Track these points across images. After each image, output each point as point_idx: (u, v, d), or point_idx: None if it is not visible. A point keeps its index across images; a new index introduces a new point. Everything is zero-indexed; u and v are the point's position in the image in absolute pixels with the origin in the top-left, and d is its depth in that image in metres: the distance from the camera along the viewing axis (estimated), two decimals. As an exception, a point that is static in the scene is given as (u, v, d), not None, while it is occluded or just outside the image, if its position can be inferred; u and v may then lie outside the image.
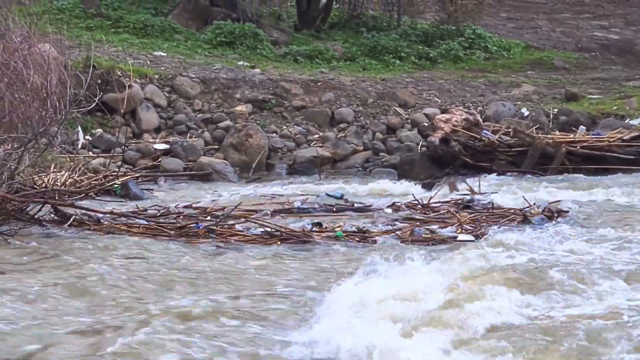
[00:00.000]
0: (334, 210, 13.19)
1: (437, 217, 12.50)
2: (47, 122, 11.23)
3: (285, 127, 20.63)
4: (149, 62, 22.21)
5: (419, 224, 11.90)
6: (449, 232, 11.37)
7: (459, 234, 11.29)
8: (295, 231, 11.27)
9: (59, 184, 12.34)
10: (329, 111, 21.21)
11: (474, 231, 11.38)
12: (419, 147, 19.21)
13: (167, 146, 19.09)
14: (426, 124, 19.93)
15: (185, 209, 12.80)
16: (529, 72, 25.84)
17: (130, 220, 11.65)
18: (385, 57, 25.84)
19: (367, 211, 13.11)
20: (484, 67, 26.09)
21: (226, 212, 12.21)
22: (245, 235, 11.12)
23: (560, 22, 31.94)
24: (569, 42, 29.15)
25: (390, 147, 20.27)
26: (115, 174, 14.35)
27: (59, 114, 11.34)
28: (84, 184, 13.09)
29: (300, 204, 13.56)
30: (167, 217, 12.03)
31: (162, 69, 21.69)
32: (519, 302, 7.13)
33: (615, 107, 21.66)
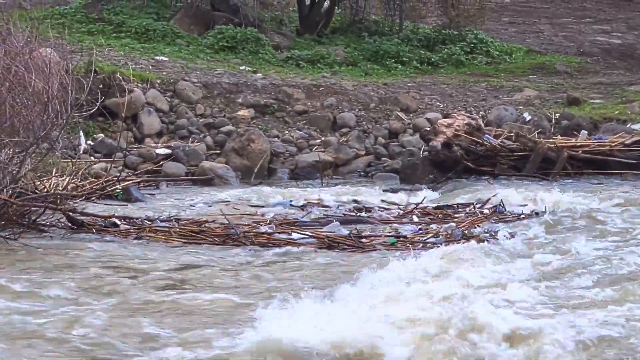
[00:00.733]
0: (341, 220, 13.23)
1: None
2: (48, 127, 11.23)
3: (287, 132, 20.63)
4: (150, 66, 22.22)
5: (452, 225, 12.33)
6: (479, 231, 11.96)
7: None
8: (348, 238, 11.46)
9: (61, 188, 12.33)
10: (331, 116, 21.20)
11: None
12: (421, 152, 19.19)
13: (169, 151, 19.07)
14: (428, 129, 19.89)
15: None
16: (530, 76, 25.83)
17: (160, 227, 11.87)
18: (387, 62, 25.84)
19: (369, 222, 13.17)
20: (486, 71, 26.08)
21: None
22: (288, 240, 11.34)
23: (562, 26, 31.93)
24: (570, 47, 29.14)
25: (392, 151, 20.27)
26: (116, 178, 14.35)
27: (60, 119, 11.35)
28: (85, 188, 13.08)
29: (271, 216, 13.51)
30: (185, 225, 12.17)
31: (164, 73, 21.69)
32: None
33: (617, 112, 21.65)
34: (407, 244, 11.21)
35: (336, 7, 28.96)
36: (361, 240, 11.39)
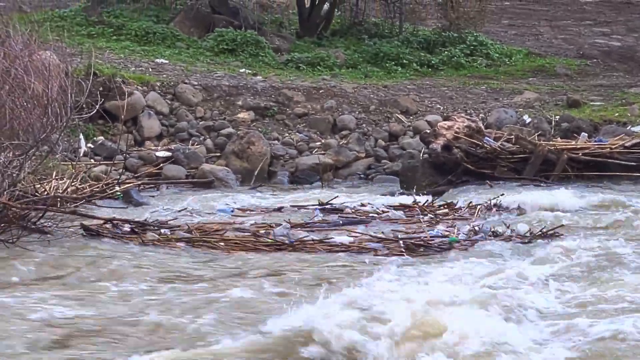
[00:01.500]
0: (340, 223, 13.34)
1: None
2: (48, 129, 11.23)
3: (287, 134, 20.62)
4: (150, 69, 22.22)
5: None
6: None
7: None
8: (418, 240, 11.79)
9: (61, 191, 12.33)
10: (331, 118, 21.20)
11: None
12: (421, 154, 19.19)
13: (169, 153, 19.07)
14: (428, 131, 19.87)
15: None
16: (530, 79, 25.83)
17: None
18: (387, 64, 25.83)
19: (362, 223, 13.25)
20: (485, 74, 26.08)
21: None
22: (331, 245, 11.57)
23: (562, 29, 31.93)
24: (570, 49, 29.14)
25: (392, 154, 20.26)
26: (116, 181, 14.33)
27: (60, 121, 11.34)
28: (85, 191, 13.08)
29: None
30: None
31: (164, 76, 21.69)
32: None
33: (617, 114, 21.64)
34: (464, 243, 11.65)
35: (336, 10, 28.96)
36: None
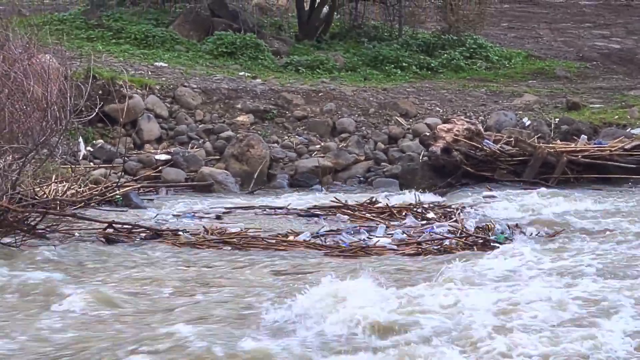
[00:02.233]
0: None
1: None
2: (47, 133, 11.23)
3: (286, 138, 20.62)
4: (150, 72, 22.21)
5: None
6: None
7: None
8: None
9: (60, 194, 12.33)
10: (331, 121, 21.19)
11: None
12: (421, 157, 19.19)
13: (168, 156, 19.05)
14: (428, 134, 19.89)
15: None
16: (530, 81, 25.83)
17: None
18: (386, 67, 25.83)
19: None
20: (485, 76, 26.08)
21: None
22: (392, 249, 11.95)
23: (561, 31, 31.94)
24: (570, 52, 29.15)
25: (391, 157, 20.24)
26: (116, 184, 14.33)
27: (59, 125, 11.34)
28: (85, 194, 13.08)
29: None
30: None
31: (164, 79, 21.69)
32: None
33: (616, 117, 21.64)
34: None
35: (335, 13, 28.95)
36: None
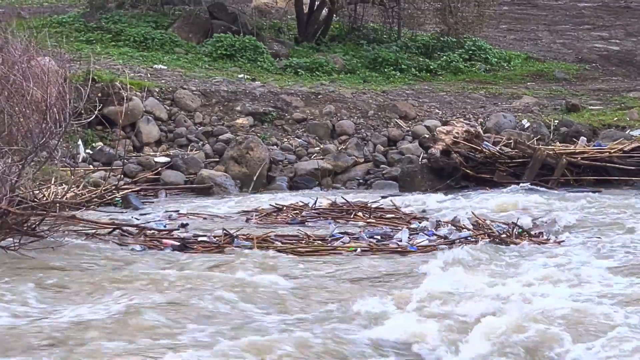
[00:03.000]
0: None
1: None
2: (47, 135, 11.23)
3: (285, 140, 20.61)
4: (149, 75, 22.21)
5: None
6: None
7: None
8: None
9: (60, 197, 12.32)
10: (330, 123, 21.19)
11: None
12: (420, 159, 19.19)
13: (167, 159, 19.05)
14: (427, 136, 19.92)
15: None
16: (529, 83, 25.84)
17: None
18: (385, 69, 25.84)
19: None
20: (484, 78, 26.09)
21: None
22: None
23: (560, 33, 31.95)
24: (569, 54, 29.16)
25: (391, 159, 20.24)
26: (115, 186, 14.33)
27: (59, 127, 11.34)
28: (84, 197, 13.08)
29: None
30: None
31: (163, 82, 21.68)
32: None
33: (616, 118, 21.65)
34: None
35: (334, 15, 28.95)
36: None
